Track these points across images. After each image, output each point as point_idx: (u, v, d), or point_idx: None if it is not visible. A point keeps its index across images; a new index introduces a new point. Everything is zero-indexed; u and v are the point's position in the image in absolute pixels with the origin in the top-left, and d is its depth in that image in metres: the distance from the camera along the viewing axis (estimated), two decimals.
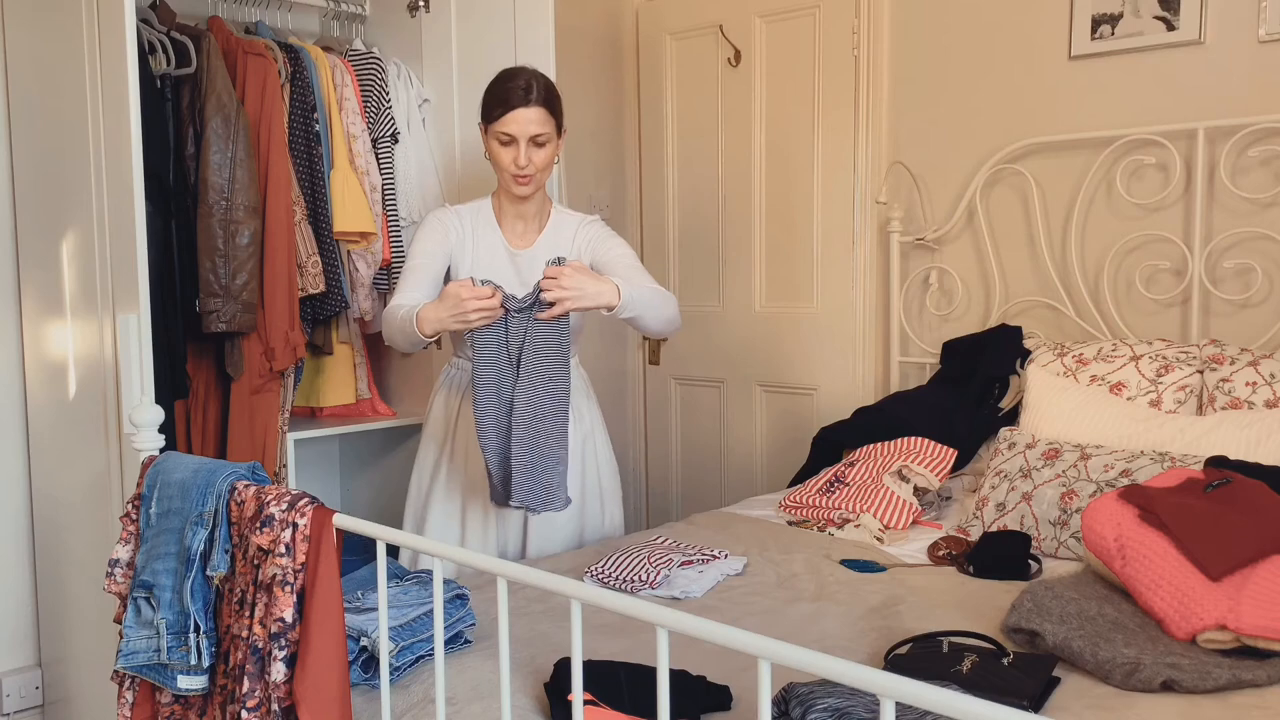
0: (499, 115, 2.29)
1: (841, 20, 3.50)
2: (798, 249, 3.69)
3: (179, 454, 1.95)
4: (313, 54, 3.02)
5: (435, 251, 2.36)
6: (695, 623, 1.11)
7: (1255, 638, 1.69)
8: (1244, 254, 2.83)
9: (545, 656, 1.73)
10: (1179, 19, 2.89)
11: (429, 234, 2.39)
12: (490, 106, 2.31)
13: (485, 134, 2.35)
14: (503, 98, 2.29)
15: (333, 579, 1.60)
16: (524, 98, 2.28)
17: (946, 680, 1.55)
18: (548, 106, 2.31)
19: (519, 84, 2.29)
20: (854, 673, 0.98)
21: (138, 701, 1.88)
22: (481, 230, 2.43)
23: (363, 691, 1.70)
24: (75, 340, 2.68)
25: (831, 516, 2.67)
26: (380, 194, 3.12)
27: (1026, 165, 3.18)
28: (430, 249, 2.36)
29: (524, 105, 2.28)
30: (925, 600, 2.06)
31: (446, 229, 2.40)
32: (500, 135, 2.30)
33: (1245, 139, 2.79)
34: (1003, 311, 3.24)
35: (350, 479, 3.60)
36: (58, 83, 2.65)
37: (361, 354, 3.27)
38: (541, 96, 2.30)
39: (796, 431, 3.68)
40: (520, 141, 2.29)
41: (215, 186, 2.69)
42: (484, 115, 2.34)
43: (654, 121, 4.07)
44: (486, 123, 2.33)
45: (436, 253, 2.36)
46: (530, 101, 2.28)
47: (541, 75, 2.34)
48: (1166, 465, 2.32)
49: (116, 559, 1.94)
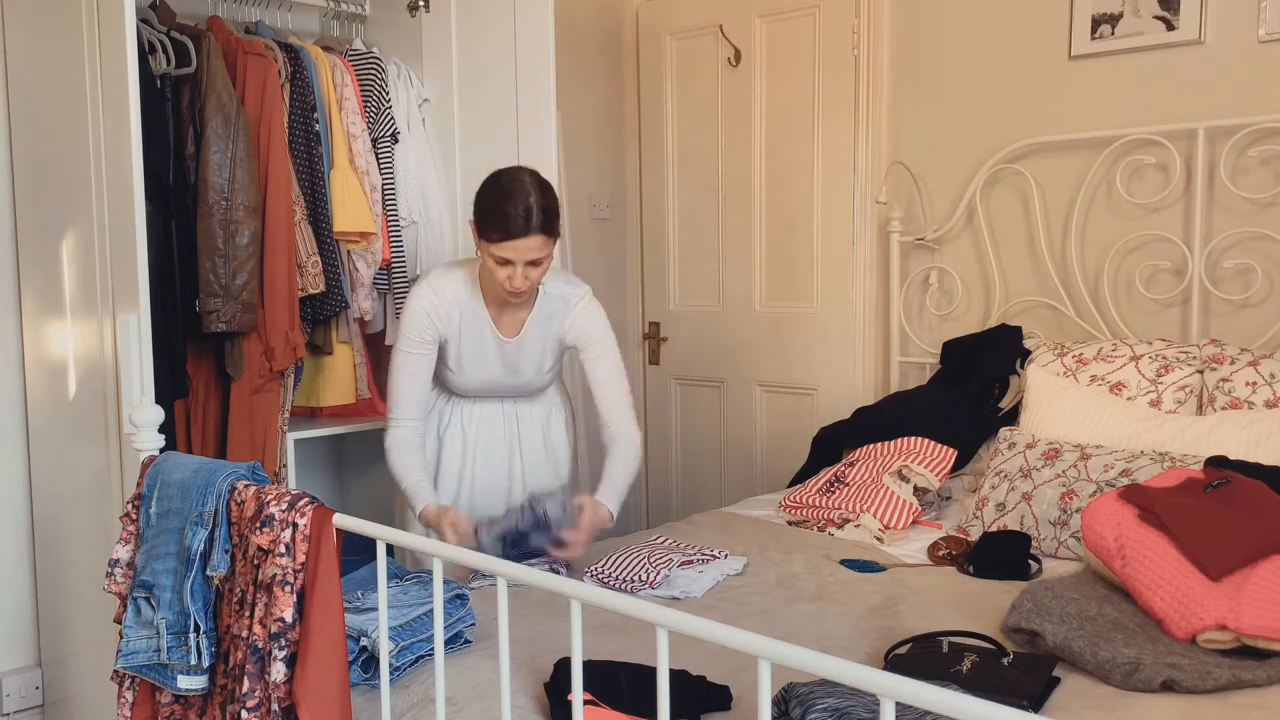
0: (496, 240, 2.20)
1: (841, 20, 3.50)
2: (798, 249, 3.69)
3: (179, 454, 1.95)
4: (313, 54, 3.02)
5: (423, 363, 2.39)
6: (695, 623, 1.11)
7: (1255, 638, 1.69)
8: (1244, 254, 2.83)
9: (545, 656, 1.73)
10: (1179, 19, 2.89)
11: (414, 339, 2.38)
12: (487, 226, 2.22)
13: (477, 237, 2.27)
14: (500, 224, 2.19)
15: (333, 579, 1.60)
16: (524, 228, 2.18)
17: (946, 680, 1.55)
18: (546, 231, 2.22)
19: (518, 211, 2.18)
20: (854, 673, 0.98)
21: (138, 701, 1.88)
22: (469, 317, 2.39)
23: (363, 691, 1.70)
24: (75, 340, 2.68)
25: (831, 516, 2.67)
26: (380, 194, 3.11)
27: (1026, 165, 3.18)
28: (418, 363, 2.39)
29: (523, 236, 2.19)
30: (925, 600, 2.07)
31: (434, 325, 2.37)
32: (496, 256, 2.22)
33: (1245, 139, 2.79)
34: (1003, 311, 3.24)
35: (350, 479, 3.60)
36: (58, 83, 2.65)
37: (361, 354, 3.27)
38: (540, 223, 2.20)
39: (796, 431, 3.68)
40: (518, 264, 2.22)
41: (215, 186, 2.69)
42: (479, 227, 2.25)
43: (654, 121, 4.07)
44: (482, 236, 2.24)
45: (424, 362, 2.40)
46: (530, 231, 2.19)
47: (539, 192, 2.22)
48: (1166, 465, 2.32)
49: (116, 559, 1.94)
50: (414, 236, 3.22)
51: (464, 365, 2.43)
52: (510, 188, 2.22)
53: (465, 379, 2.45)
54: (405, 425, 2.39)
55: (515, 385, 2.49)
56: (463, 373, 2.44)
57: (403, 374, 2.39)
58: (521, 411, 2.55)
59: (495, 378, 2.46)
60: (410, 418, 2.39)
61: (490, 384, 2.47)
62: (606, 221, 4.11)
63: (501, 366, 2.44)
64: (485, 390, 2.48)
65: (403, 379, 2.39)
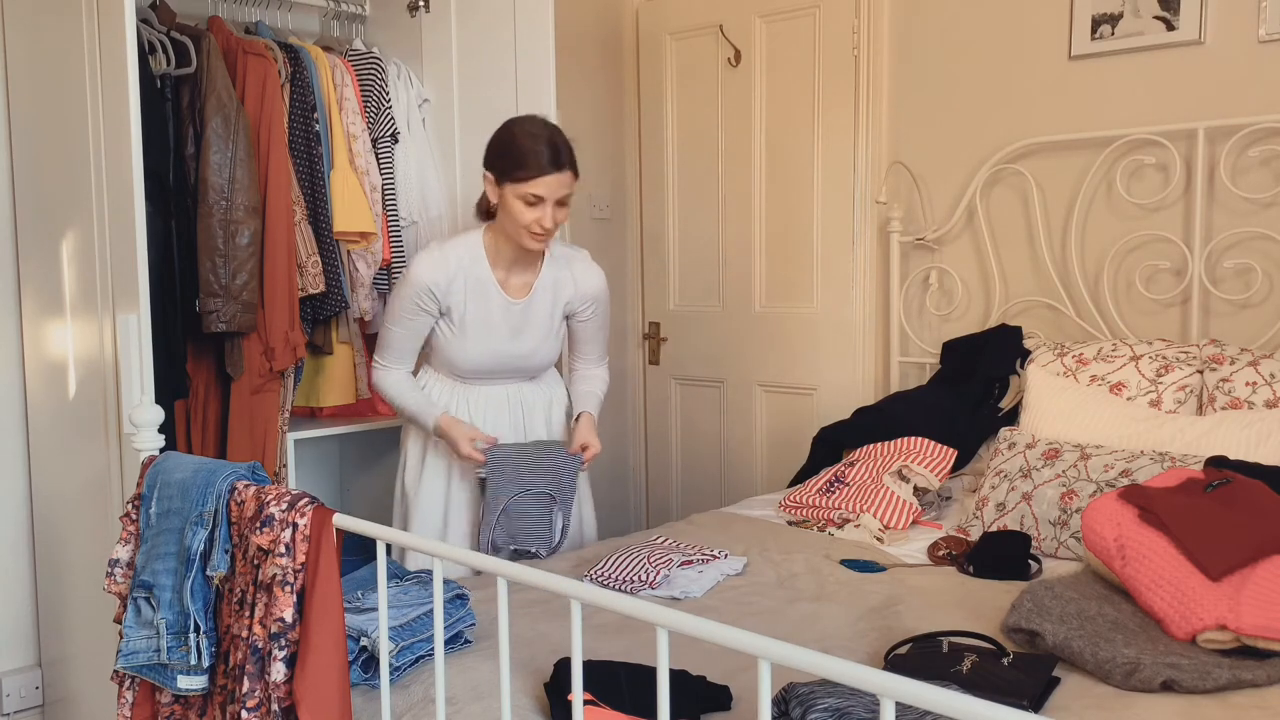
0: (526, 178, 2.22)
1: (841, 20, 3.50)
2: (798, 249, 3.69)
3: (179, 454, 1.95)
4: (313, 54, 3.02)
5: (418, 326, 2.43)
6: (695, 623, 1.11)
7: (1255, 638, 1.69)
8: (1244, 254, 2.83)
9: (545, 656, 1.73)
10: (1179, 19, 2.89)
11: (411, 304, 2.39)
12: (511, 165, 2.23)
13: (497, 185, 2.28)
14: (529, 160, 2.21)
15: (333, 579, 1.60)
16: (555, 162, 2.22)
17: (946, 680, 1.55)
18: (573, 168, 2.28)
19: (546, 147, 2.22)
20: (854, 673, 0.98)
21: (138, 701, 1.88)
22: (473, 282, 2.40)
23: (363, 691, 1.70)
24: (75, 340, 2.68)
25: (831, 516, 2.67)
26: (380, 194, 3.11)
27: (1026, 165, 3.18)
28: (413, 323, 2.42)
29: (556, 170, 2.23)
30: (925, 600, 2.06)
31: (435, 295, 2.38)
32: (526, 196, 2.23)
33: (1245, 139, 2.79)
34: (1003, 311, 3.24)
35: (350, 479, 3.60)
36: (58, 83, 2.65)
37: (361, 354, 3.27)
38: (568, 158, 2.26)
39: (796, 431, 3.68)
40: (548, 202, 2.24)
41: (215, 186, 2.69)
42: (499, 170, 2.26)
43: (654, 121, 4.07)
44: (508, 179, 2.25)
45: (420, 324, 2.43)
46: (561, 166, 2.24)
47: (560, 130, 2.30)
48: (1166, 465, 2.32)
49: (116, 559, 1.94)
50: (414, 236, 3.23)
51: (467, 332, 2.41)
52: (533, 128, 2.28)
53: (468, 349, 2.42)
54: (396, 369, 2.48)
55: (520, 355, 2.47)
56: (465, 340, 2.42)
57: (395, 325, 2.43)
58: (526, 397, 2.55)
59: (500, 345, 2.44)
60: (402, 364, 2.48)
61: (495, 354, 2.45)
62: (606, 221, 4.11)
63: (507, 330, 2.43)
64: (489, 363, 2.46)
65: (397, 332, 2.44)
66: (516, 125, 2.30)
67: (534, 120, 2.32)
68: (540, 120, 2.32)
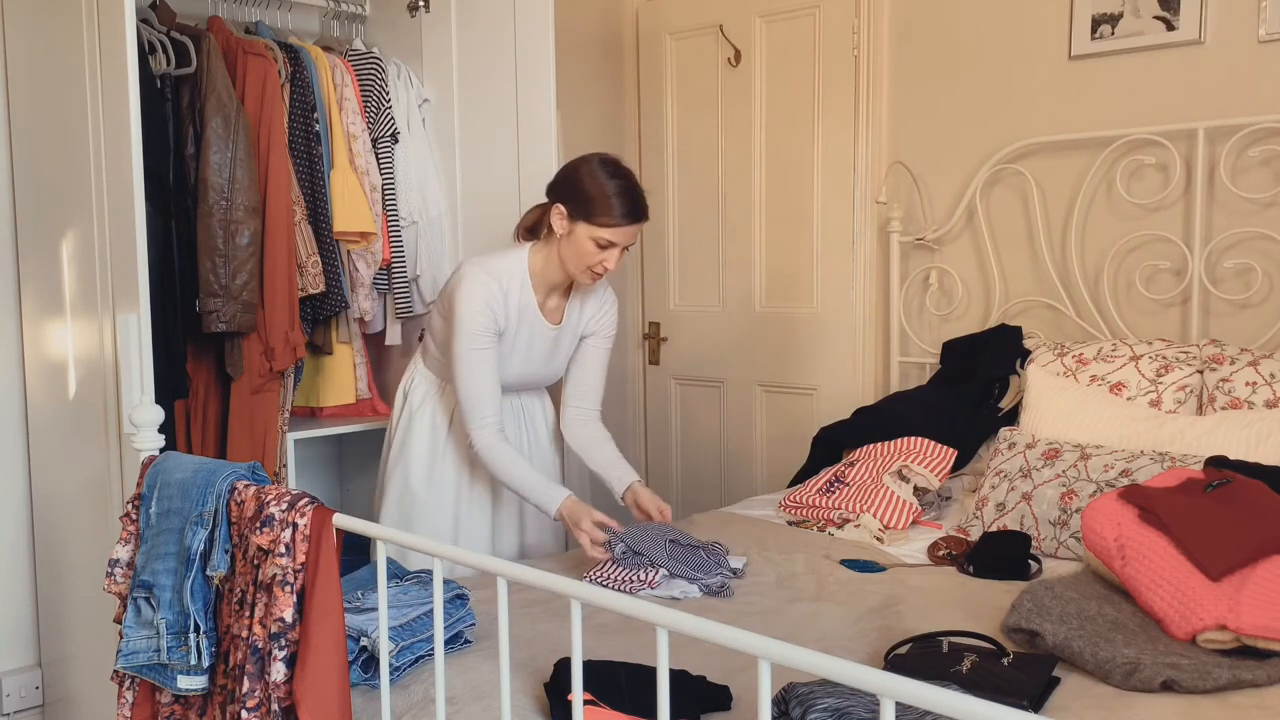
0: (607, 224, 2.20)
1: (841, 20, 3.50)
2: (798, 249, 3.69)
3: (179, 454, 1.95)
4: (313, 54, 3.02)
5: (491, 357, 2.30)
6: (695, 623, 1.11)
7: (1255, 638, 1.69)
8: (1244, 254, 2.83)
9: (545, 656, 1.73)
10: (1179, 19, 2.89)
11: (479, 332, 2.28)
12: (595, 209, 2.21)
13: (569, 220, 2.24)
14: (615, 207, 2.20)
15: (333, 579, 1.60)
16: (636, 213, 2.23)
17: (946, 680, 1.55)
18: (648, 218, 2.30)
19: (632, 197, 2.22)
20: (854, 673, 0.98)
21: (138, 701, 1.88)
22: (522, 309, 2.35)
23: (363, 691, 1.70)
24: (75, 340, 2.68)
25: (831, 516, 2.67)
26: (380, 194, 3.12)
27: (1026, 165, 3.18)
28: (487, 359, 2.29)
29: (636, 221, 2.24)
30: (925, 600, 2.06)
31: (494, 317, 2.30)
32: (601, 239, 2.22)
33: (1245, 139, 2.78)
34: (1003, 311, 3.24)
35: (350, 479, 3.60)
36: (58, 83, 2.65)
37: (361, 354, 3.27)
38: (646, 210, 2.27)
39: (796, 431, 3.68)
40: (619, 248, 2.25)
41: (215, 186, 2.69)
42: (577, 206, 2.23)
43: (654, 121, 4.07)
44: (588, 219, 2.22)
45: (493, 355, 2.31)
46: (643, 217, 2.26)
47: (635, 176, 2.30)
48: (1166, 465, 2.32)
49: (116, 559, 1.94)
50: (414, 236, 3.23)
51: (513, 359, 2.39)
52: (622, 172, 2.26)
53: (504, 372, 2.38)
54: (490, 427, 2.29)
55: (542, 376, 2.48)
56: (505, 364, 2.37)
57: (474, 373, 2.28)
58: (527, 405, 2.56)
59: (532, 369, 2.44)
60: (494, 417, 2.29)
61: (523, 377, 2.45)
62: None
63: (543, 354, 2.43)
64: (515, 383, 2.46)
65: (475, 379, 2.28)
66: (600, 167, 2.25)
67: (618, 165, 2.27)
68: (624, 165, 2.28)
